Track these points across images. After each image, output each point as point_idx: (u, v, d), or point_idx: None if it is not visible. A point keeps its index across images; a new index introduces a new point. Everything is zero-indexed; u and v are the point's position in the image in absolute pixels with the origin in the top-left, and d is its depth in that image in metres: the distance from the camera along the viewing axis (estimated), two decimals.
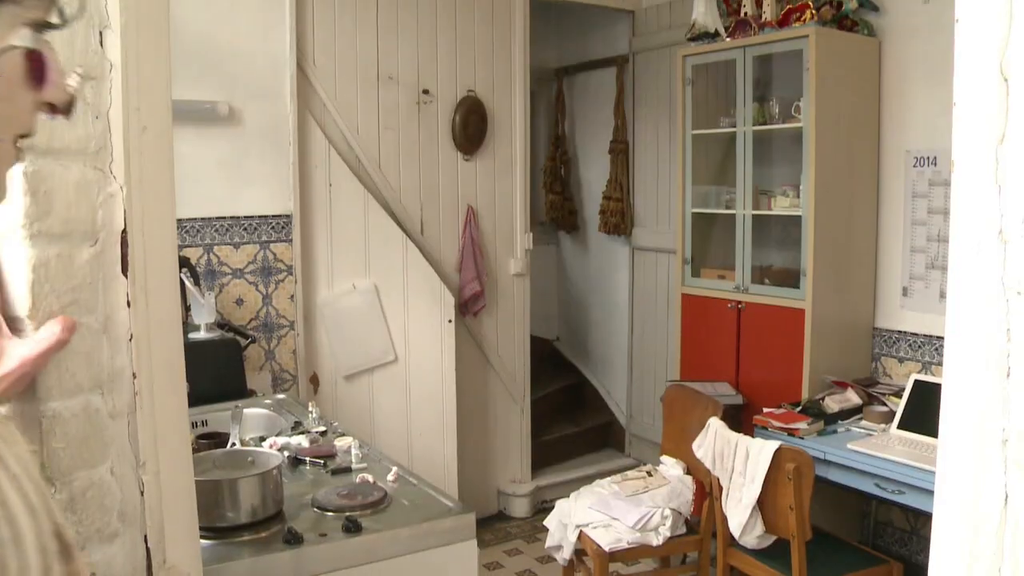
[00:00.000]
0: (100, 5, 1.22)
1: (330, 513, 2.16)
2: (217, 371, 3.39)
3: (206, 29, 4.09)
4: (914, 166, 4.18)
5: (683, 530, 3.71)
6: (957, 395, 0.89)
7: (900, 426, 3.65)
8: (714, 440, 3.54)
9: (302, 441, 2.77)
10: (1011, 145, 0.82)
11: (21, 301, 1.16)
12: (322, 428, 2.94)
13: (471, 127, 4.94)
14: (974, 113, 0.85)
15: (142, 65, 1.28)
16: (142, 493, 1.28)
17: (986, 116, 0.83)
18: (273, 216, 4.38)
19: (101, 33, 1.22)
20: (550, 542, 3.89)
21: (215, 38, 4.14)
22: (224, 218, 4.26)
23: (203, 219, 4.19)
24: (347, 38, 4.57)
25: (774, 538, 3.39)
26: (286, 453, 2.62)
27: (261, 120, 4.31)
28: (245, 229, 4.31)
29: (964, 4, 0.86)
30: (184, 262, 3.71)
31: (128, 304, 1.26)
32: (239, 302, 4.33)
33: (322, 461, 2.58)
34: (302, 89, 4.41)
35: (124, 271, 1.26)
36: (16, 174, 1.14)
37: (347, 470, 2.52)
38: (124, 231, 1.25)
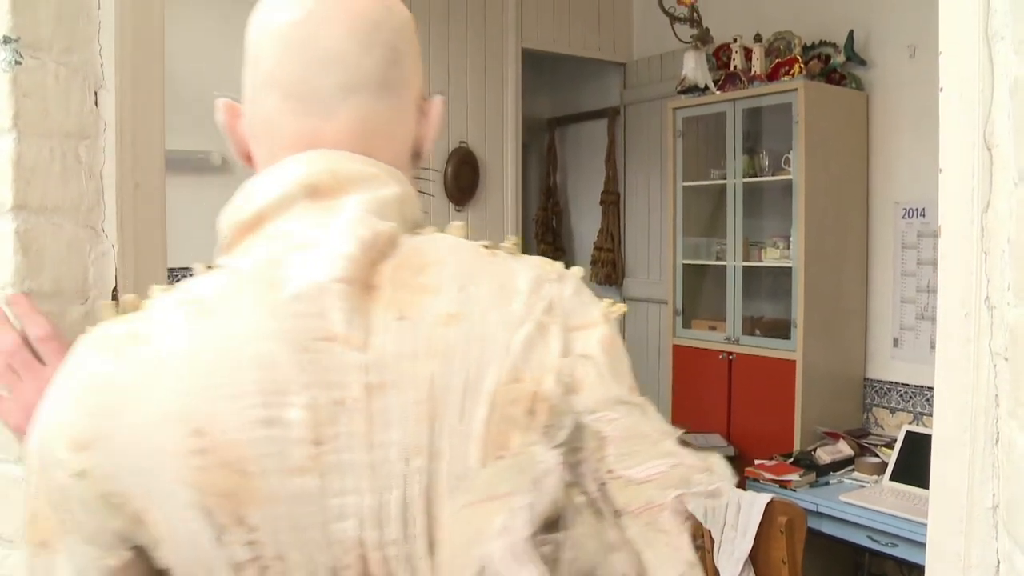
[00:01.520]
0: (96, 65, 1.23)
1: None
2: None
3: (200, 79, 4.12)
4: (903, 217, 4.21)
5: None
6: (947, 460, 0.89)
7: (892, 478, 3.63)
8: None
9: None
10: (996, 212, 0.83)
11: None
12: None
13: (463, 178, 4.97)
14: (960, 180, 0.86)
15: (136, 124, 1.29)
16: None
17: (971, 184, 0.84)
18: None
19: (96, 93, 1.23)
20: None
21: (209, 88, 4.15)
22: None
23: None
24: None
25: None
26: None
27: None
28: None
29: (948, 73, 0.88)
30: None
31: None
32: None
33: None
34: None
35: None
36: (7, 232, 1.14)
37: None
38: (115, 289, 1.25)
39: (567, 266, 0.86)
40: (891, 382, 4.30)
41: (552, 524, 0.70)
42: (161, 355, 0.74)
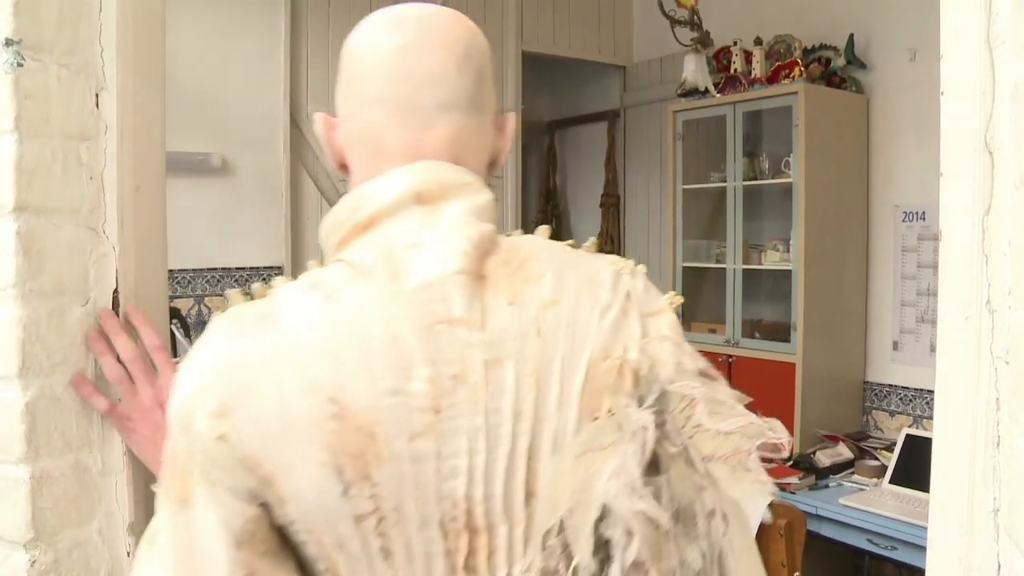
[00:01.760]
0: (97, 67, 1.23)
1: None
2: None
3: (201, 81, 4.12)
4: (903, 220, 4.21)
5: None
6: (947, 464, 0.89)
7: (892, 481, 3.64)
8: None
9: None
10: (997, 216, 0.83)
11: (11, 359, 1.16)
12: None
13: None
14: (961, 184, 0.86)
15: (137, 125, 1.29)
16: (128, 554, 1.27)
17: (972, 188, 0.85)
18: (264, 268, 4.38)
19: (97, 95, 1.23)
20: None
21: (210, 90, 4.17)
22: (216, 269, 4.26)
23: (194, 270, 4.19)
24: None
25: None
26: None
27: (254, 172, 4.33)
28: (236, 280, 4.31)
29: (949, 78, 0.88)
30: (175, 313, 3.70)
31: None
32: None
33: None
34: (295, 141, 4.43)
35: None
36: (9, 233, 1.14)
37: None
38: (116, 290, 1.25)
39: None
40: (891, 385, 4.30)
41: (651, 470, 0.81)
42: (294, 334, 0.85)
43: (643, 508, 0.79)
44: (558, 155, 6.59)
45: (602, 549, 0.80)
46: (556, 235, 1.01)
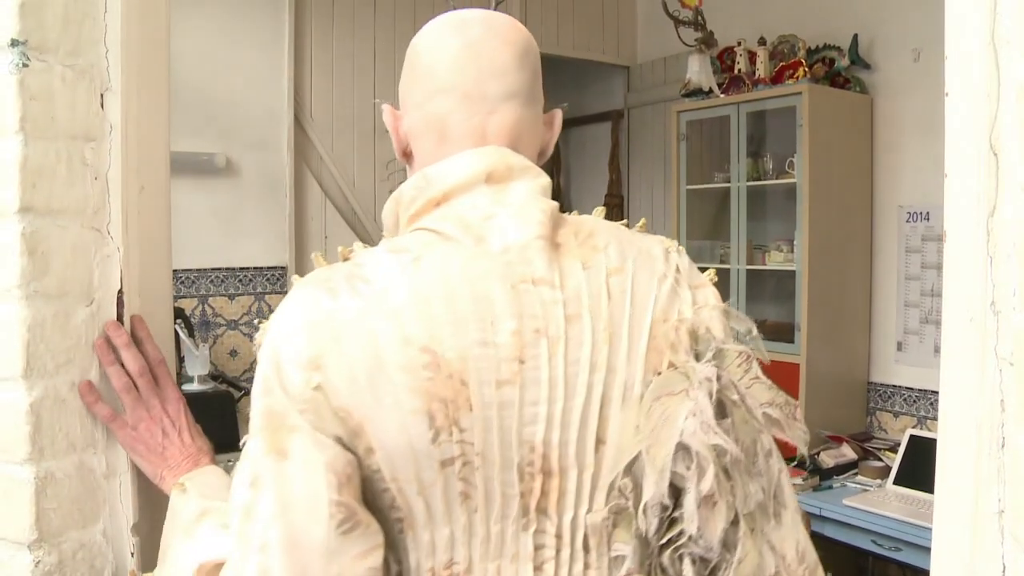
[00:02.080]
0: (102, 68, 1.23)
1: None
2: (210, 424, 3.35)
3: (205, 81, 4.13)
4: (907, 221, 4.20)
5: None
6: (951, 465, 0.89)
7: (896, 482, 3.63)
8: None
9: None
10: (1002, 217, 0.83)
11: (15, 360, 1.16)
12: None
13: None
14: (965, 185, 0.86)
15: (142, 126, 1.29)
16: (132, 555, 1.27)
17: (977, 189, 0.84)
18: (268, 268, 4.38)
19: (102, 96, 1.24)
20: None
21: (214, 90, 4.17)
22: (219, 269, 4.26)
23: (198, 270, 4.19)
24: (344, 91, 4.61)
25: None
26: None
27: (258, 171, 4.33)
28: (240, 280, 4.32)
29: (953, 78, 0.88)
30: (178, 313, 3.71)
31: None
32: (233, 353, 4.32)
33: None
34: (299, 141, 4.44)
35: None
36: (14, 234, 1.14)
37: None
38: (120, 290, 1.26)
39: None
40: (895, 386, 4.29)
41: (718, 414, 0.92)
42: (386, 291, 0.92)
43: (719, 442, 0.90)
44: (562, 155, 6.58)
45: (671, 486, 0.90)
46: None
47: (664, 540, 0.91)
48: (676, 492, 0.90)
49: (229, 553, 0.91)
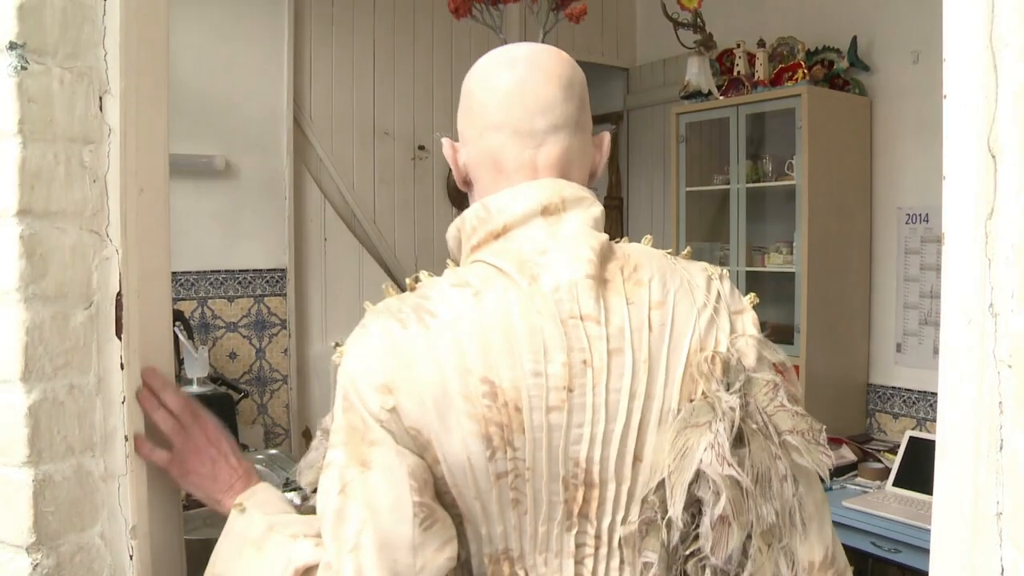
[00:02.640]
0: (101, 71, 1.23)
1: None
2: None
3: (204, 83, 4.13)
4: (906, 223, 4.21)
5: None
6: (950, 467, 0.89)
7: (895, 483, 3.63)
8: None
9: (294, 498, 2.74)
10: (1000, 220, 0.83)
11: (14, 363, 1.15)
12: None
13: None
14: (964, 187, 0.86)
15: (140, 129, 1.29)
16: (131, 558, 1.27)
17: (975, 191, 0.84)
18: (268, 270, 4.38)
19: (101, 98, 1.23)
20: None
21: (213, 92, 4.17)
22: (219, 271, 4.26)
23: (197, 272, 4.19)
24: (343, 94, 4.62)
25: None
26: None
27: (257, 174, 4.33)
28: (239, 283, 4.32)
29: (952, 81, 0.88)
30: (178, 315, 3.70)
31: (122, 366, 1.25)
32: (232, 356, 4.32)
33: None
34: (298, 143, 4.44)
35: (118, 333, 1.25)
36: (12, 236, 1.14)
37: None
38: (119, 293, 1.25)
39: None
40: (894, 387, 4.29)
41: (737, 442, 1.04)
42: (451, 324, 1.04)
43: (731, 473, 1.01)
44: None
45: (693, 505, 1.03)
46: None
47: (688, 552, 1.04)
48: (699, 511, 1.03)
49: (323, 554, 1.03)
